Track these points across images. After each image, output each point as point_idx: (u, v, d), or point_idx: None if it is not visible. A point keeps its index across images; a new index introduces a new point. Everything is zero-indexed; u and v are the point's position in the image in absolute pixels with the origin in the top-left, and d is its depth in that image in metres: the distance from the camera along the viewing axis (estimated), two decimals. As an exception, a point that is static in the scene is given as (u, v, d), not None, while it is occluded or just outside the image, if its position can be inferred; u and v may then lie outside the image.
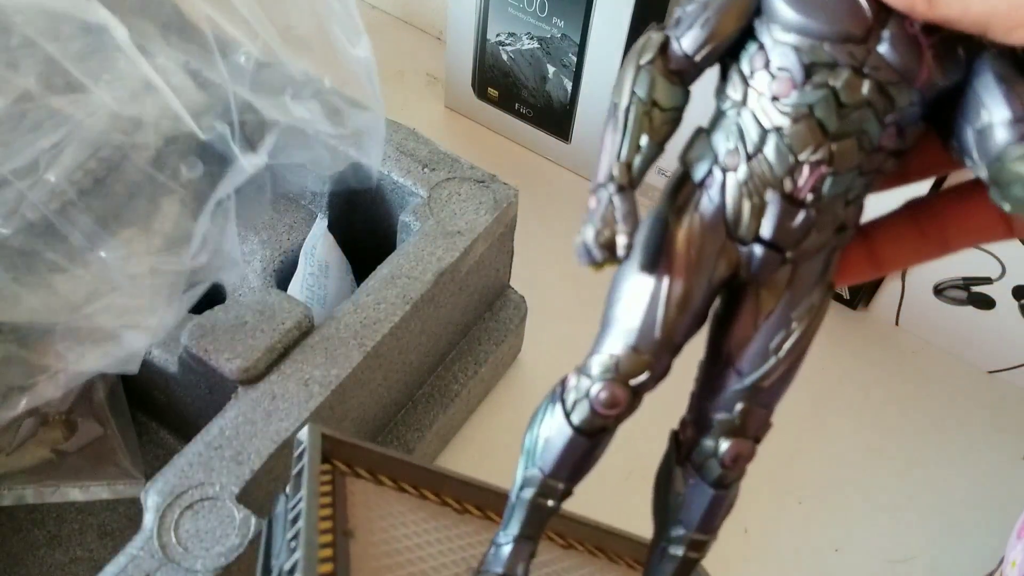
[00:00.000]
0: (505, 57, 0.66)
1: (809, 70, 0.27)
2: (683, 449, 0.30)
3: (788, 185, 0.27)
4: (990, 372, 0.63)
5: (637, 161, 0.28)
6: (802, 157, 0.27)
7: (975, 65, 0.27)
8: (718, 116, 0.30)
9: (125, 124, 0.52)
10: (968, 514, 0.58)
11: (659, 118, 0.29)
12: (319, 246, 0.53)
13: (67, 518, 0.52)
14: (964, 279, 0.59)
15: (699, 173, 0.29)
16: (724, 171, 0.28)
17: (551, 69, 0.65)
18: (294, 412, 0.43)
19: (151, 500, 0.40)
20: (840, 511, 0.57)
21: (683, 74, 0.29)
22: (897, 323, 0.65)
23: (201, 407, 0.49)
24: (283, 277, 0.53)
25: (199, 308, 0.50)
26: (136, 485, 0.52)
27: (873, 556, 0.56)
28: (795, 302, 0.29)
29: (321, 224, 0.54)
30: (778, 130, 0.27)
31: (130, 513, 0.53)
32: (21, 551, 0.51)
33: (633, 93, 0.29)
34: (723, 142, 0.29)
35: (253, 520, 0.40)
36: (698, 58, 0.29)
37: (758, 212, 0.28)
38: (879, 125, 0.27)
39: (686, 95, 0.29)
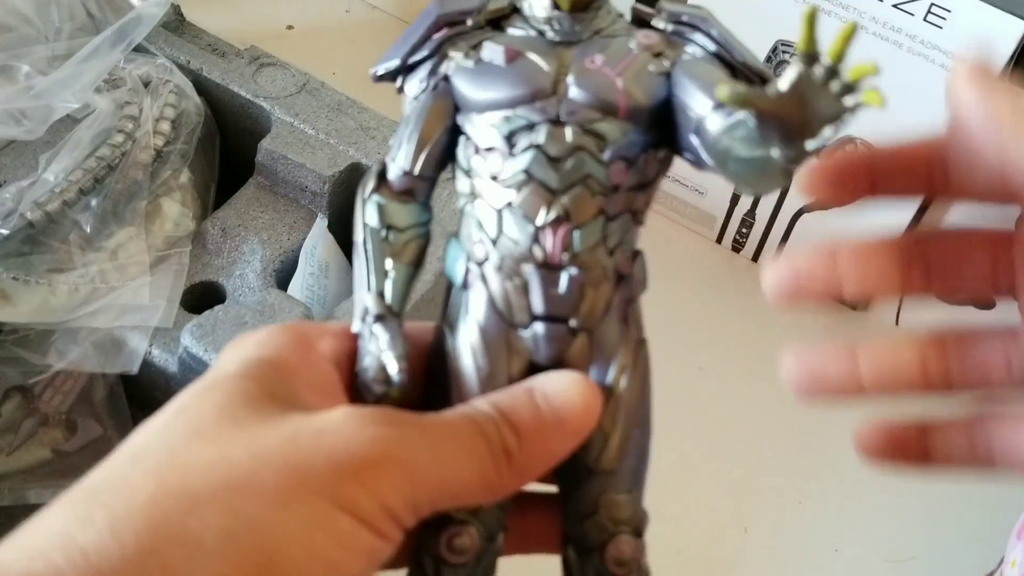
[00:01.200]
0: (505, 57, 0.66)
1: (511, 139, 0.27)
2: (575, 573, 0.28)
3: (539, 253, 0.27)
4: (990, 372, 0.63)
5: (388, 287, 0.28)
6: (539, 222, 0.27)
7: (673, 75, 0.27)
8: (460, 217, 0.29)
9: (125, 124, 0.52)
10: (968, 514, 0.58)
11: (400, 239, 0.29)
12: (319, 246, 0.53)
13: (67, 518, 0.52)
14: (964, 279, 0.59)
15: (458, 276, 0.28)
16: (479, 264, 0.28)
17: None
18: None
19: (151, 500, 0.40)
20: (840, 511, 0.57)
21: (413, 192, 0.29)
22: (897, 323, 0.65)
23: (201, 407, 0.49)
24: (283, 277, 0.53)
25: (199, 308, 0.50)
26: (136, 485, 0.52)
27: (873, 556, 0.56)
28: (604, 367, 0.28)
29: (321, 224, 0.54)
30: (509, 205, 0.27)
31: (130, 513, 0.52)
32: (21, 551, 0.51)
33: (365, 225, 0.29)
34: (469, 238, 0.28)
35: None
36: (417, 170, 0.29)
37: (523, 290, 0.27)
38: (601, 165, 0.27)
39: (425, 209, 0.29)
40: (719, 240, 0.66)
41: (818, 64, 0.23)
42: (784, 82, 0.23)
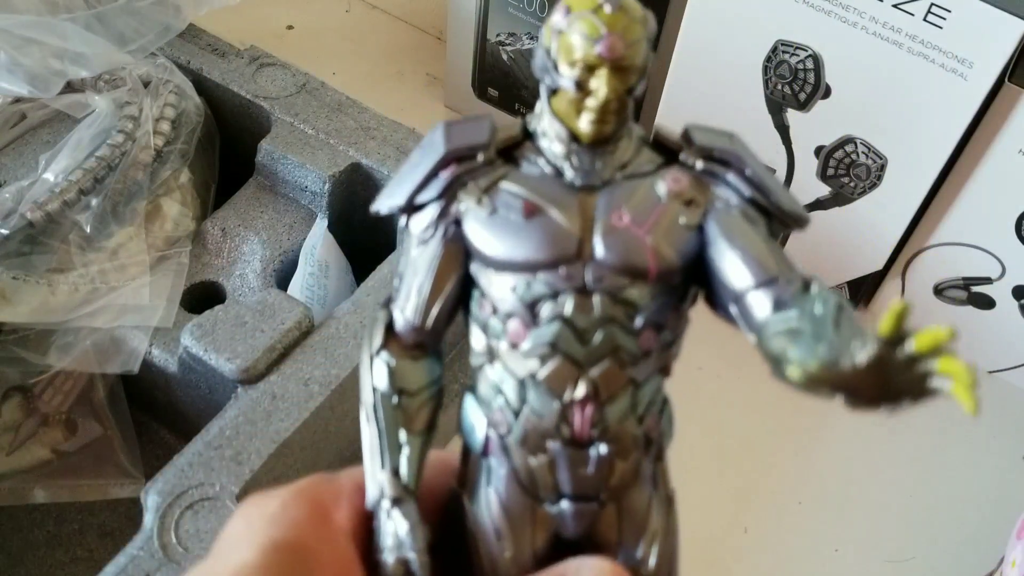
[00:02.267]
0: (505, 57, 0.66)
1: (533, 307, 0.25)
2: None
3: (566, 431, 0.25)
4: (990, 372, 0.63)
5: (403, 464, 0.26)
6: (566, 398, 0.25)
7: (706, 229, 0.25)
8: (475, 374, 0.27)
9: (125, 124, 0.52)
10: (968, 514, 0.58)
11: (413, 404, 0.26)
12: (319, 246, 0.53)
13: (67, 518, 0.52)
14: (964, 279, 0.59)
15: (477, 443, 0.27)
16: (500, 435, 0.26)
17: (551, 69, 0.65)
18: (294, 412, 0.43)
19: (151, 500, 0.40)
20: (840, 511, 0.57)
21: (423, 345, 0.27)
22: (897, 323, 0.65)
23: (201, 407, 0.49)
24: (283, 277, 0.53)
25: (199, 308, 0.50)
26: (136, 485, 0.52)
27: (873, 556, 0.56)
28: (634, 540, 0.26)
29: (321, 224, 0.54)
30: (532, 377, 0.25)
31: (130, 513, 0.52)
32: (21, 551, 0.51)
33: (375, 389, 0.26)
34: (488, 403, 0.26)
35: (253, 520, 0.40)
36: (428, 324, 0.26)
37: (549, 467, 0.26)
38: (631, 335, 0.25)
39: (436, 364, 0.27)
40: (719, 240, 0.66)
41: (900, 348, 0.21)
42: (862, 357, 0.21)
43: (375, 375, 0.26)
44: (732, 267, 0.25)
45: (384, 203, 0.27)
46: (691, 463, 0.56)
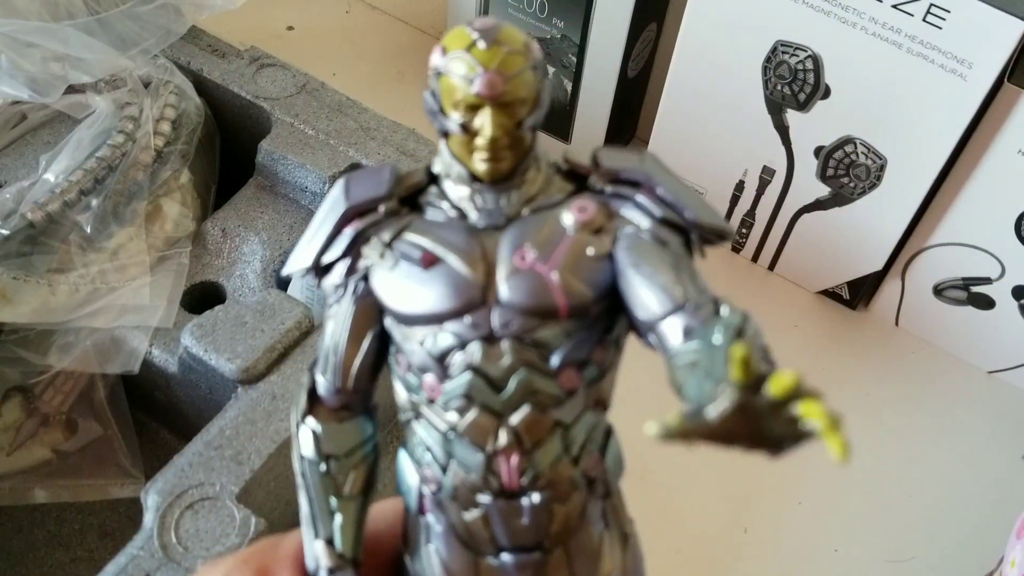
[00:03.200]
0: (505, 57, 0.66)
1: (443, 359, 0.24)
2: None
3: (494, 483, 0.24)
4: (990, 372, 0.63)
5: (336, 532, 0.25)
6: (489, 449, 0.24)
7: (617, 260, 0.24)
8: (404, 430, 0.26)
9: (126, 124, 0.52)
10: (968, 514, 0.58)
11: (342, 468, 0.26)
12: (319, 246, 0.53)
13: (67, 518, 0.52)
14: (964, 279, 0.59)
15: (412, 503, 0.26)
16: (433, 492, 0.25)
17: (551, 69, 0.65)
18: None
19: (151, 500, 0.40)
20: (840, 511, 0.57)
21: (349, 406, 0.26)
22: (897, 323, 0.65)
23: (201, 407, 0.49)
24: (283, 277, 0.53)
25: (199, 308, 0.50)
26: (136, 485, 0.52)
27: (873, 556, 0.56)
28: None
29: (321, 224, 0.54)
30: (453, 429, 0.24)
31: (130, 513, 0.52)
32: (21, 551, 0.51)
33: (302, 457, 0.26)
34: (419, 460, 0.26)
35: (253, 520, 0.40)
36: (350, 385, 0.26)
37: (484, 521, 0.25)
38: (548, 377, 0.24)
39: (367, 423, 0.26)
40: (719, 240, 0.66)
41: (758, 395, 0.20)
42: (713, 410, 0.20)
43: (301, 443, 0.26)
44: (641, 297, 0.24)
45: (292, 266, 0.26)
46: (691, 463, 0.56)
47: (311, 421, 0.26)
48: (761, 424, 0.20)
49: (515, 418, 0.24)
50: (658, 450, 0.30)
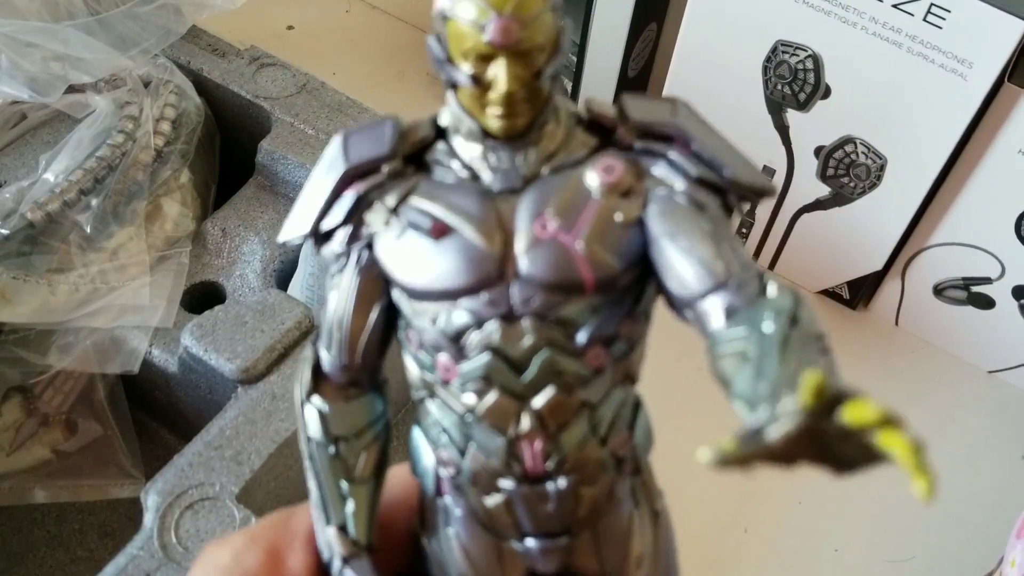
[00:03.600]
0: (505, 57, 0.66)
1: (457, 339, 0.22)
2: None
3: (517, 468, 0.23)
4: (990, 372, 0.63)
5: (349, 518, 0.24)
6: (511, 433, 0.22)
7: (647, 223, 0.22)
8: (418, 407, 0.24)
9: (126, 124, 0.52)
10: (968, 514, 0.58)
11: (352, 450, 0.24)
12: (319, 246, 0.53)
13: (67, 518, 0.52)
14: (964, 279, 0.59)
15: (429, 485, 0.24)
16: (451, 475, 0.23)
17: (551, 69, 0.65)
18: (294, 412, 0.43)
19: (151, 500, 0.40)
20: (840, 511, 0.57)
21: (357, 382, 0.24)
22: (897, 323, 0.65)
23: (201, 407, 0.49)
24: (283, 277, 0.53)
25: (199, 308, 0.50)
26: (136, 485, 0.52)
27: (873, 556, 0.56)
28: (619, 568, 0.24)
29: (321, 224, 0.54)
30: (471, 412, 0.22)
31: (130, 513, 0.52)
32: (21, 551, 0.51)
33: (309, 439, 0.24)
34: (435, 441, 0.24)
35: (253, 520, 0.40)
36: (357, 361, 0.24)
37: (507, 507, 0.23)
38: (574, 356, 0.22)
39: (376, 400, 0.25)
40: (719, 240, 0.66)
41: (829, 419, 0.18)
42: (775, 432, 0.18)
43: (308, 424, 0.24)
44: (677, 272, 0.21)
45: (289, 231, 0.24)
46: (691, 463, 0.56)
47: (317, 400, 0.24)
48: (830, 446, 0.18)
49: (538, 401, 0.22)
50: (658, 450, 0.30)
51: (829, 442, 0.18)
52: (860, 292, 0.64)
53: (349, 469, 0.24)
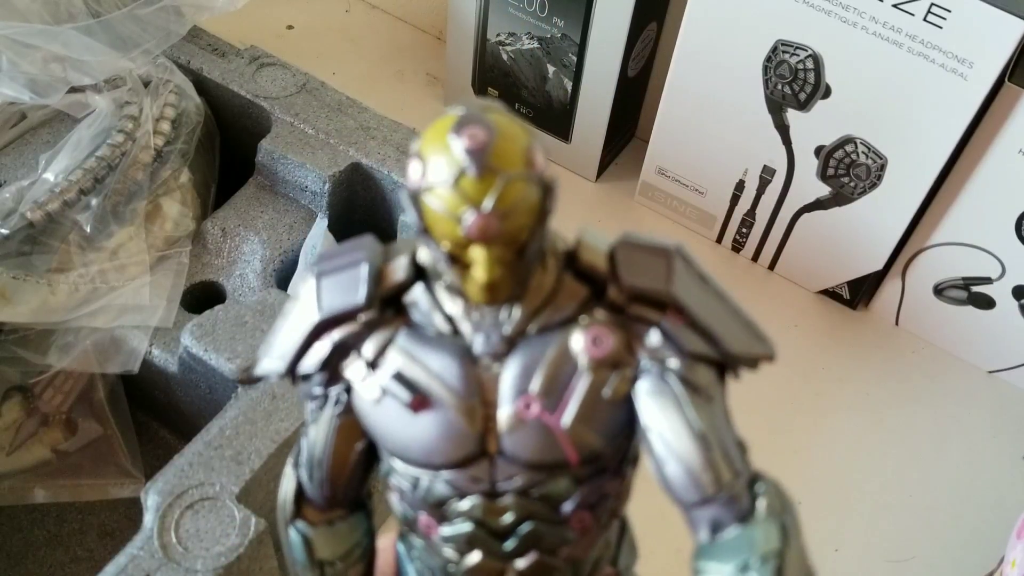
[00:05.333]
0: (505, 57, 0.66)
1: (439, 506, 0.22)
2: None
3: None
4: (990, 372, 0.63)
5: None
6: None
7: (636, 401, 0.21)
8: (400, 527, 0.24)
9: (126, 124, 0.52)
10: (968, 514, 0.58)
11: (338, 571, 0.24)
12: (319, 246, 0.53)
13: (67, 518, 0.52)
14: (964, 279, 0.59)
15: None
16: None
17: (551, 69, 0.65)
18: (294, 412, 0.43)
19: (151, 500, 0.40)
20: (840, 511, 0.57)
21: (341, 504, 0.24)
22: (897, 323, 0.65)
23: (201, 407, 0.49)
24: (283, 277, 0.53)
25: (199, 308, 0.50)
26: (136, 485, 0.52)
27: (873, 556, 0.56)
28: None
29: (321, 224, 0.54)
30: (455, 563, 0.22)
31: (130, 513, 0.52)
32: (21, 551, 0.51)
33: (294, 562, 0.24)
34: (420, 572, 0.24)
35: (253, 520, 0.40)
36: (339, 495, 0.23)
37: None
38: (557, 525, 0.22)
39: (359, 520, 0.24)
40: (719, 240, 0.66)
41: None
42: None
43: (292, 547, 0.24)
44: (666, 475, 0.21)
45: (265, 367, 0.23)
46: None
47: (301, 525, 0.23)
48: None
49: (521, 563, 0.22)
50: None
51: None
52: (860, 292, 0.64)
53: None
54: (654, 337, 0.21)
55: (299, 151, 0.54)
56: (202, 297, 0.52)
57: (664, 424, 0.21)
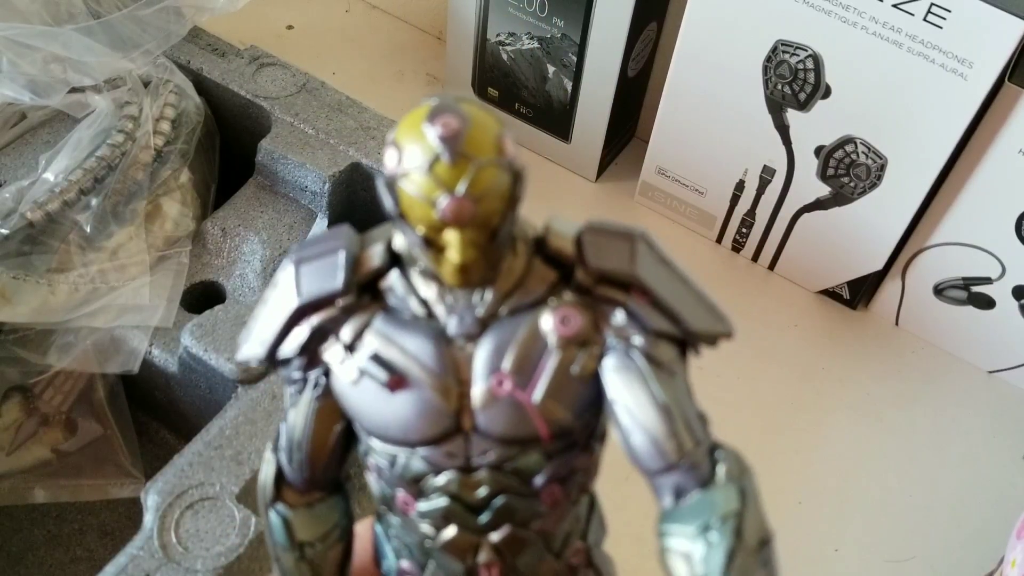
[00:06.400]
0: (505, 57, 0.66)
1: (416, 482, 0.23)
2: None
3: None
4: (990, 372, 0.63)
5: None
6: (469, 562, 0.23)
7: (602, 377, 0.22)
8: (378, 508, 0.25)
9: (125, 124, 0.52)
10: (968, 514, 0.58)
11: (318, 553, 0.24)
12: (319, 246, 0.53)
13: (67, 518, 0.52)
14: (964, 279, 0.59)
15: None
16: None
17: (551, 69, 0.65)
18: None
19: (151, 500, 0.40)
20: (840, 511, 0.57)
21: (320, 487, 0.25)
22: (897, 323, 0.65)
23: (201, 407, 0.49)
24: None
25: (199, 308, 0.50)
26: (136, 485, 0.52)
27: (873, 556, 0.56)
28: None
29: (321, 224, 0.54)
30: (431, 538, 0.23)
31: (130, 513, 0.52)
32: (21, 551, 0.51)
33: (275, 543, 0.25)
34: (396, 551, 0.25)
35: (253, 520, 0.40)
36: (318, 476, 0.24)
37: None
38: (530, 498, 0.23)
39: (338, 501, 0.25)
40: (719, 240, 0.66)
41: None
42: None
43: (272, 529, 0.25)
44: (632, 444, 0.22)
45: (246, 352, 0.24)
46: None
47: (281, 507, 0.24)
48: None
49: (496, 536, 0.23)
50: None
51: None
52: (860, 292, 0.64)
53: (315, 570, 0.25)
54: (619, 316, 0.22)
55: (299, 151, 0.54)
56: (202, 297, 0.52)
57: (629, 397, 0.22)
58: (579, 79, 0.64)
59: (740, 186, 0.62)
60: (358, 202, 0.56)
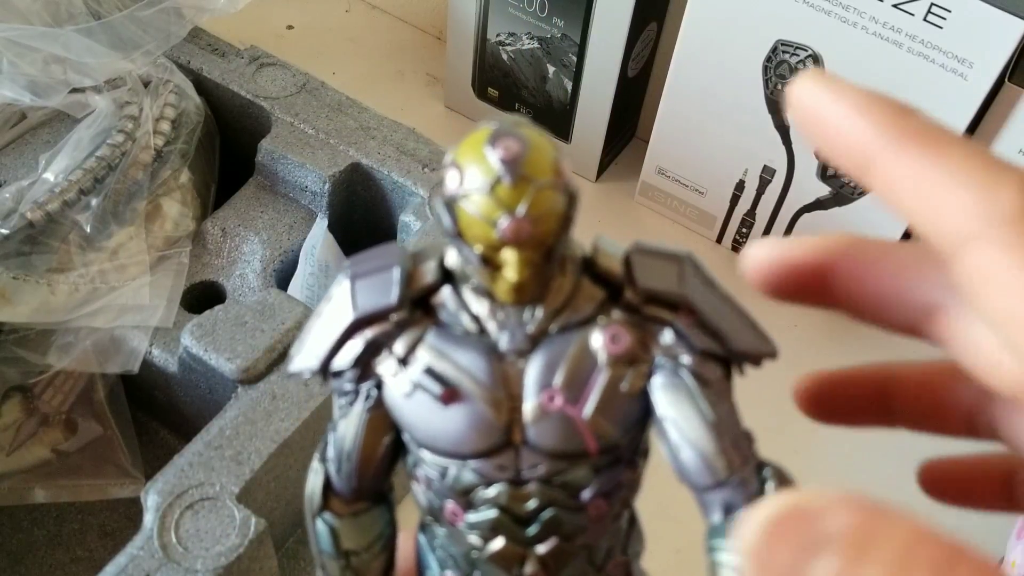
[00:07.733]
0: (505, 57, 0.66)
1: (466, 493, 0.23)
2: None
3: None
4: (990, 372, 0.63)
5: None
6: (515, 573, 0.24)
7: (651, 394, 0.23)
8: (423, 517, 0.26)
9: (125, 124, 0.52)
10: (968, 514, 0.57)
11: (363, 561, 0.25)
12: (319, 246, 0.53)
13: (67, 518, 0.52)
14: (964, 279, 0.59)
15: None
16: None
17: (551, 69, 0.65)
18: (294, 412, 0.43)
19: (151, 500, 0.40)
20: (840, 511, 0.57)
21: (366, 496, 0.25)
22: (897, 323, 0.65)
23: (201, 407, 0.49)
24: (283, 277, 0.53)
25: (199, 308, 0.50)
26: (136, 485, 0.52)
27: (873, 556, 0.55)
28: None
29: (321, 224, 0.54)
30: (478, 549, 0.24)
31: (130, 513, 0.52)
32: (21, 551, 0.51)
33: (321, 551, 0.25)
34: (441, 562, 0.25)
35: (253, 520, 0.40)
36: (366, 487, 0.25)
37: None
38: (577, 511, 0.23)
39: (384, 511, 0.26)
40: (719, 240, 0.66)
41: None
42: None
43: (319, 537, 0.25)
44: (681, 461, 0.22)
45: (299, 364, 0.24)
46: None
47: (328, 516, 0.25)
48: None
49: (542, 548, 0.24)
50: (658, 450, 0.30)
51: None
52: (860, 292, 0.64)
53: None
54: (667, 336, 0.23)
55: (299, 151, 0.54)
56: (202, 297, 0.52)
57: (679, 415, 0.22)
58: (579, 79, 0.64)
59: (740, 186, 0.62)
60: (358, 202, 0.56)
